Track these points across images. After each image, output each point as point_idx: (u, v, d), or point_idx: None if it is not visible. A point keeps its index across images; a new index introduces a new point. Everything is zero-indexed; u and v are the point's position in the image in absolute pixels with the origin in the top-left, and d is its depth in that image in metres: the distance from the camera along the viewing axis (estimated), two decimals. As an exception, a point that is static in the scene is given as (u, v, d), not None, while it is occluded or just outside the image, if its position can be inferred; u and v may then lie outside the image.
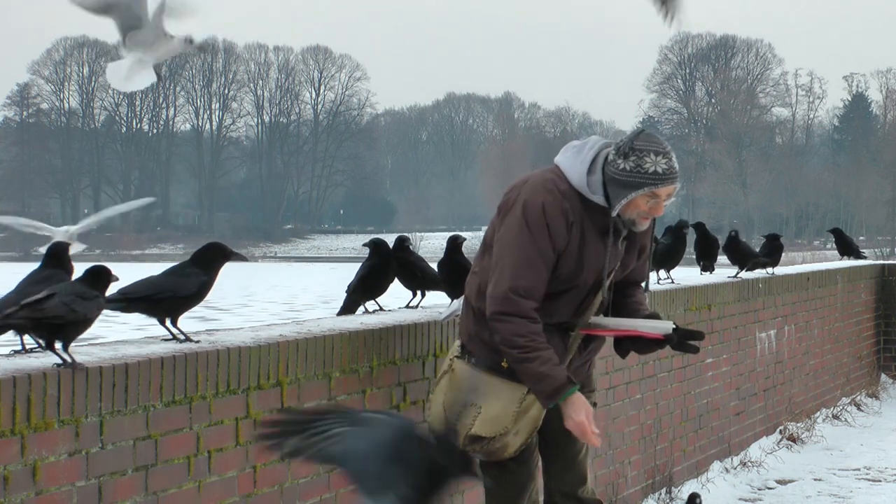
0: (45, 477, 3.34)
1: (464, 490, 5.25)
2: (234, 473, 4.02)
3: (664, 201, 4.39)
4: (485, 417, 4.39)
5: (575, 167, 4.40)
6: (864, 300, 12.05)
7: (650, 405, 7.25)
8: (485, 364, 4.44)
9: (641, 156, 4.32)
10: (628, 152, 4.33)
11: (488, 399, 4.41)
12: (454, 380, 4.47)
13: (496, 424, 4.40)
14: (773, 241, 9.62)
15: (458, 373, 4.47)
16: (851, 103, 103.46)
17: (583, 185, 4.36)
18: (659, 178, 4.31)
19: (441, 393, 4.50)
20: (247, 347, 4.09)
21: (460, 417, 4.42)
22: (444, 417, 4.46)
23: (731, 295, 8.49)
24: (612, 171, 4.34)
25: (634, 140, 4.35)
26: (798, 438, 9.43)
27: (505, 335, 4.29)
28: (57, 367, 3.42)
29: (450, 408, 4.46)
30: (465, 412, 4.42)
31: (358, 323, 4.86)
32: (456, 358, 4.52)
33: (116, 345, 3.97)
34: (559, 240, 4.32)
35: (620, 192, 4.33)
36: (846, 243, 12.00)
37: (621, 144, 4.37)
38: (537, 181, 4.40)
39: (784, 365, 9.73)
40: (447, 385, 4.49)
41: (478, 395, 4.42)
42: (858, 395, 11.38)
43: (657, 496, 7.27)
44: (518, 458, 4.52)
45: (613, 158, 4.35)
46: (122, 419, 3.59)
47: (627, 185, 4.32)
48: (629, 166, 4.32)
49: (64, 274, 4.01)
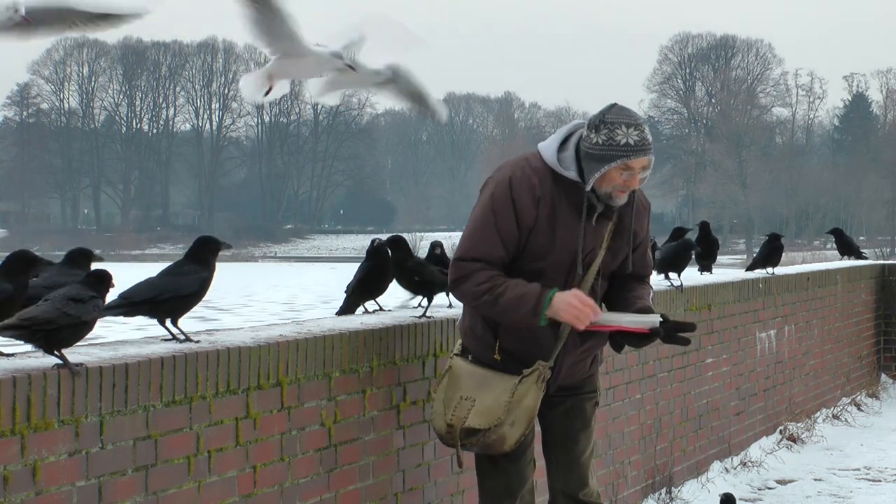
0: (45, 477, 3.34)
1: (464, 490, 5.25)
2: (234, 473, 4.02)
3: (639, 174, 4.37)
4: (478, 409, 4.43)
5: (548, 145, 4.45)
6: (864, 300, 12.05)
7: (650, 405, 7.25)
8: (480, 359, 4.51)
9: (613, 128, 4.32)
10: (599, 125, 4.33)
11: (481, 391, 4.46)
12: (453, 376, 4.53)
13: (489, 415, 4.43)
14: (773, 242, 9.63)
15: (456, 370, 4.53)
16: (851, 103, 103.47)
17: (553, 161, 4.39)
18: (631, 150, 4.31)
19: (442, 391, 4.55)
20: (247, 347, 4.09)
21: (455, 411, 4.47)
22: (442, 413, 4.51)
23: (731, 295, 8.49)
24: (585, 147, 4.36)
25: (606, 114, 4.35)
26: (798, 438, 9.43)
27: (468, 295, 4.38)
28: (57, 369, 3.42)
29: (448, 403, 4.50)
30: (460, 406, 4.47)
31: (358, 323, 4.86)
32: (456, 356, 4.57)
33: (116, 345, 3.97)
34: (526, 214, 4.35)
35: (594, 165, 4.33)
36: (846, 243, 12.00)
37: (592, 118, 4.38)
38: (511, 161, 4.49)
39: (784, 365, 9.73)
40: (447, 382, 4.54)
41: (472, 389, 4.47)
42: (858, 395, 11.38)
43: (657, 496, 7.27)
44: (511, 455, 4.52)
45: (587, 134, 4.37)
46: (122, 419, 3.58)
47: (601, 159, 4.32)
48: (601, 139, 4.32)
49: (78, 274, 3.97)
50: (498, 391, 4.44)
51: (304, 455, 4.34)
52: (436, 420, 4.56)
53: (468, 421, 4.44)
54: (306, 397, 4.35)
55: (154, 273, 4.22)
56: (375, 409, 4.72)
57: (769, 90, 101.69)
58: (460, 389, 4.50)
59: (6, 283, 3.63)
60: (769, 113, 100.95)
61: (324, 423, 4.44)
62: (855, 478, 8.44)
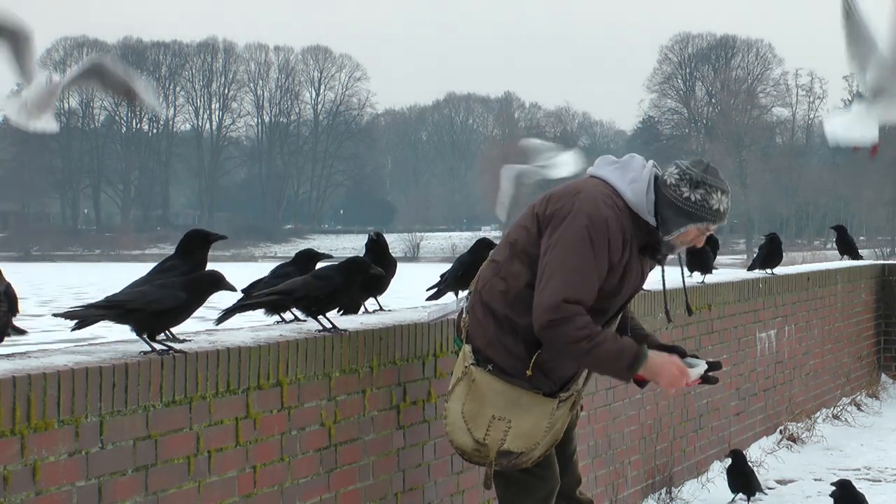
0: (45, 477, 3.34)
1: (464, 490, 5.25)
2: (234, 473, 4.02)
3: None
4: (516, 433, 4.34)
5: (633, 187, 4.36)
6: (864, 300, 12.05)
7: (650, 405, 7.25)
8: (507, 371, 4.36)
9: (710, 191, 4.36)
10: (699, 184, 4.35)
11: (518, 412, 4.35)
12: (476, 390, 4.36)
13: (529, 440, 4.37)
14: (772, 242, 9.63)
15: (481, 384, 4.36)
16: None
17: (641, 206, 4.35)
18: (719, 217, 4.39)
19: (458, 401, 4.39)
20: (247, 347, 4.09)
21: (489, 431, 4.34)
22: (466, 428, 4.37)
23: (731, 295, 8.49)
24: (673, 196, 4.35)
25: (706, 174, 4.37)
26: (798, 438, 9.43)
27: (564, 338, 4.21)
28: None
29: (472, 419, 4.36)
30: (494, 426, 4.34)
31: (358, 323, 4.86)
32: (472, 366, 4.39)
33: (116, 345, 3.97)
34: (615, 256, 4.30)
35: (679, 219, 4.36)
36: (847, 242, 12.00)
37: (690, 173, 4.36)
38: (595, 194, 4.33)
39: (784, 365, 9.73)
40: (465, 393, 4.38)
41: (505, 409, 4.34)
42: (858, 395, 11.38)
43: (657, 496, 7.27)
44: (542, 462, 4.48)
45: (676, 183, 4.35)
46: (122, 419, 3.58)
47: (689, 216, 4.36)
48: (696, 197, 4.35)
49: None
50: (536, 415, 4.36)
51: (304, 455, 4.34)
52: (456, 434, 4.41)
53: (506, 444, 4.35)
54: (306, 397, 4.35)
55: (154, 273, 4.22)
56: (375, 409, 4.72)
57: (769, 90, 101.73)
58: (489, 406, 4.35)
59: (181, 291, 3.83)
60: (769, 113, 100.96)
61: (324, 423, 4.44)
62: (855, 478, 8.43)
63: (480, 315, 4.43)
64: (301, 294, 4.48)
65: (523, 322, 4.34)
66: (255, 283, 4.99)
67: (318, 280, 4.52)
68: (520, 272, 4.36)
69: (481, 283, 4.47)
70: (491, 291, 4.42)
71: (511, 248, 4.42)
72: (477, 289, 4.49)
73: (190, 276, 3.96)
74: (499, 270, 4.43)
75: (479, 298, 4.46)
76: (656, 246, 4.41)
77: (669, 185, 4.37)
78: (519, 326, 4.35)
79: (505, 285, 4.38)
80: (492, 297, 4.41)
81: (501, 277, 4.41)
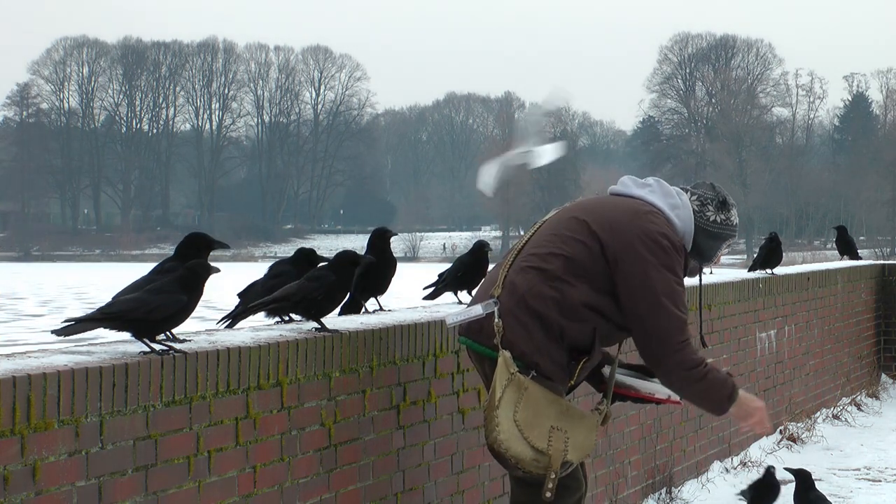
0: (45, 477, 3.34)
1: (464, 490, 5.25)
2: (234, 473, 4.02)
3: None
4: (574, 444, 4.35)
5: (678, 213, 4.48)
6: (864, 300, 12.05)
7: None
8: (550, 378, 4.35)
9: (731, 210, 4.58)
10: (722, 206, 4.55)
11: (571, 424, 4.35)
12: (530, 398, 4.29)
13: (583, 451, 4.39)
14: (772, 242, 9.63)
15: (534, 392, 4.30)
16: (852, 103, 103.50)
17: (688, 234, 4.50)
18: (736, 230, 4.60)
19: (509, 409, 4.29)
20: (247, 347, 4.09)
21: (551, 442, 4.30)
22: (522, 437, 4.29)
23: (731, 295, 8.49)
24: (702, 222, 4.52)
25: (726, 195, 4.58)
26: (798, 438, 9.43)
27: (688, 358, 4.36)
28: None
29: (528, 427, 4.29)
30: (555, 437, 4.31)
31: (358, 323, 4.85)
32: (520, 374, 4.31)
33: (116, 345, 3.97)
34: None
35: (713, 243, 4.55)
36: (847, 243, 12.01)
37: (708, 196, 4.55)
38: (663, 222, 4.44)
39: (784, 365, 9.73)
40: (516, 401, 4.29)
41: (559, 419, 4.33)
42: (858, 395, 11.38)
43: (657, 496, 7.27)
44: (572, 473, 4.47)
45: (700, 210, 4.53)
46: (122, 419, 3.58)
47: (717, 237, 4.55)
48: (720, 219, 4.55)
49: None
50: (588, 426, 4.39)
51: (304, 455, 4.34)
52: (513, 443, 4.29)
53: (568, 455, 4.33)
54: (306, 397, 4.35)
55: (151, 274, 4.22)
56: (375, 409, 4.72)
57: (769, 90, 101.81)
58: (545, 417, 4.30)
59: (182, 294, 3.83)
60: (769, 113, 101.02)
61: (324, 423, 4.44)
62: (855, 478, 8.44)
63: (526, 320, 4.34)
64: (298, 298, 4.48)
65: (572, 332, 4.33)
66: (252, 286, 4.97)
67: (312, 281, 4.51)
68: (578, 289, 4.33)
69: (525, 288, 4.35)
70: (541, 298, 4.33)
71: (566, 263, 4.36)
72: (517, 293, 4.36)
73: (182, 275, 3.92)
74: (551, 280, 4.35)
75: (521, 303, 4.35)
76: (691, 272, 4.60)
77: (695, 211, 4.53)
78: (566, 334, 4.33)
79: (560, 294, 4.33)
80: (542, 304, 4.33)
81: (555, 287, 4.34)
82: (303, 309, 4.52)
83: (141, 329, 3.76)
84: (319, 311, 4.52)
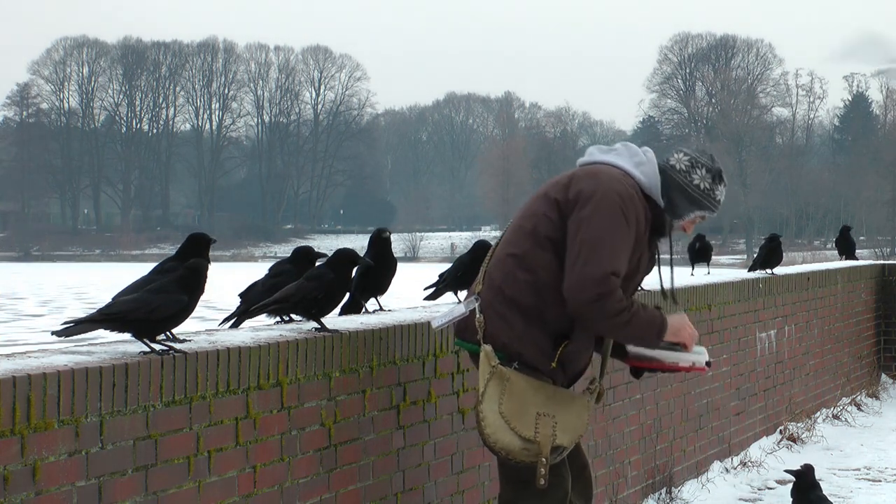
0: (45, 477, 3.34)
1: (464, 490, 5.25)
2: (234, 473, 4.02)
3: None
4: (563, 427, 4.32)
5: (642, 169, 4.42)
6: (864, 300, 12.05)
7: (650, 405, 7.25)
8: (535, 367, 4.33)
9: (717, 183, 4.48)
10: (715, 177, 4.47)
11: (560, 407, 4.33)
12: (513, 388, 4.28)
13: (574, 433, 4.37)
14: (772, 242, 9.63)
15: (516, 382, 4.29)
16: (851, 103, 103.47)
17: (654, 188, 4.42)
18: (718, 207, 4.51)
19: (493, 402, 4.29)
20: (247, 347, 4.09)
21: (538, 429, 4.28)
22: (509, 428, 4.28)
23: (731, 295, 8.49)
24: (684, 181, 4.44)
25: (713, 162, 4.49)
26: (798, 438, 9.43)
27: (608, 311, 4.21)
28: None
29: (514, 417, 4.27)
30: (542, 423, 4.29)
31: (358, 323, 4.85)
32: (500, 366, 4.31)
33: (116, 344, 3.97)
34: (637, 234, 4.35)
35: (687, 205, 4.46)
36: (848, 243, 12.03)
37: (700, 161, 4.47)
38: (615, 174, 4.37)
39: (784, 365, 9.73)
40: (499, 393, 4.29)
41: (546, 405, 4.31)
42: (858, 395, 11.38)
43: (657, 496, 7.27)
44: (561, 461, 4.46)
45: (687, 170, 4.45)
46: (122, 419, 3.58)
47: (693, 202, 4.46)
48: (705, 186, 4.46)
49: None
50: (578, 408, 4.36)
51: (304, 455, 4.34)
52: (500, 435, 4.29)
53: (558, 439, 4.31)
54: (306, 397, 4.35)
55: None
56: (375, 409, 4.72)
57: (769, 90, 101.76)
58: (531, 404, 4.29)
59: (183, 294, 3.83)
60: (769, 113, 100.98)
61: (324, 423, 4.44)
62: (855, 478, 8.44)
63: (504, 311, 4.35)
64: (297, 298, 4.48)
65: (551, 313, 4.31)
66: (252, 286, 4.97)
67: (311, 281, 4.51)
68: (549, 261, 4.31)
69: (500, 279, 4.38)
70: (515, 284, 4.35)
71: (533, 238, 4.35)
72: (495, 285, 4.38)
73: (183, 275, 3.92)
74: (522, 262, 4.35)
75: (498, 295, 4.37)
76: (662, 229, 4.46)
77: (679, 170, 4.45)
78: (547, 317, 4.32)
79: (532, 276, 4.32)
80: (517, 290, 4.34)
81: (526, 269, 4.34)
82: (303, 309, 4.52)
83: (141, 329, 3.76)
84: (320, 310, 4.52)
